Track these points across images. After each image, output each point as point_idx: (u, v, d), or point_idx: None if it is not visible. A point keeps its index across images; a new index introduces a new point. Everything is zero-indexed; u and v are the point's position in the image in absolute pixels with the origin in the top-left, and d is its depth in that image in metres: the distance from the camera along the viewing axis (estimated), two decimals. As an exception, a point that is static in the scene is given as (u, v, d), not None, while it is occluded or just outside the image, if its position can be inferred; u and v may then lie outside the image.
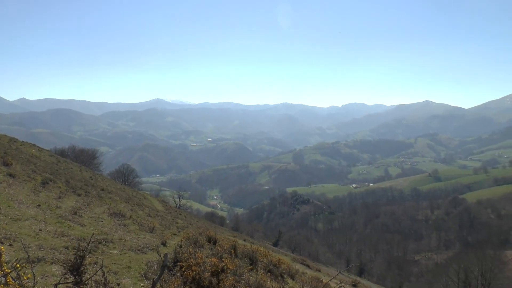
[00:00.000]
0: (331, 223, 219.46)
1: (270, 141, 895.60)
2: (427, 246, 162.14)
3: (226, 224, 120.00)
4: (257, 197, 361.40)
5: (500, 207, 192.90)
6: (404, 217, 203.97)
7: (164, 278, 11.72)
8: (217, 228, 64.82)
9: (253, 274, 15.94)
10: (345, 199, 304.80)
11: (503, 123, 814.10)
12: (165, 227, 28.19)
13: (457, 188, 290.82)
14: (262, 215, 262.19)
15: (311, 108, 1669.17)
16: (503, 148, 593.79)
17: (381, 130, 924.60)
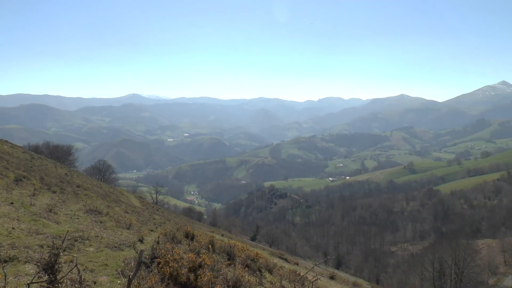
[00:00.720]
0: (308, 217, 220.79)
1: (247, 135, 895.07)
2: (403, 238, 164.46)
3: (204, 220, 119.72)
4: (235, 192, 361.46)
5: (472, 197, 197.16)
6: (380, 209, 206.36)
7: (141, 275, 11.60)
8: (195, 224, 64.66)
9: (231, 269, 15.90)
10: (322, 192, 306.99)
11: (475, 115, 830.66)
12: (142, 224, 27.97)
13: (432, 179, 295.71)
14: (240, 209, 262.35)
15: (288, 102, 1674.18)
16: (475, 140, 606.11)
17: (357, 123, 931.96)
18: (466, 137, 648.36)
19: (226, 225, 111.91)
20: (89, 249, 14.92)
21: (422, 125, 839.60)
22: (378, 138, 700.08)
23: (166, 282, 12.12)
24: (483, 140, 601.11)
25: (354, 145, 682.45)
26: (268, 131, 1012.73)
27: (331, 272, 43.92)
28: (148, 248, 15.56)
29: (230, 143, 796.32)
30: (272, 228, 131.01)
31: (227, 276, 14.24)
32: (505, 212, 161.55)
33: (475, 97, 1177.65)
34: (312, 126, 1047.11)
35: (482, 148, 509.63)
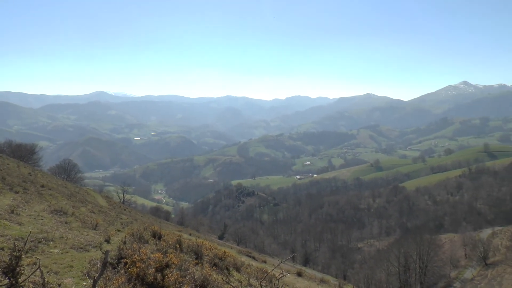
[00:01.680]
0: (276, 215, 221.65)
1: (214, 134, 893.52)
2: (369, 234, 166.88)
3: (171, 219, 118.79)
4: (202, 191, 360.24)
5: (436, 193, 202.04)
6: (347, 206, 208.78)
7: (107, 276, 11.45)
8: (162, 223, 64.16)
9: (199, 269, 15.86)
10: (289, 190, 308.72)
11: (439, 114, 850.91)
12: (109, 224, 27.60)
13: (398, 177, 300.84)
14: (208, 208, 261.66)
15: (255, 101, 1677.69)
16: (438, 138, 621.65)
17: (324, 122, 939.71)
18: (430, 135, 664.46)
19: (194, 224, 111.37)
20: (54, 250, 14.63)
21: (388, 123, 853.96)
22: (345, 136, 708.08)
23: (133, 283, 12.01)
24: (446, 138, 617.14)
25: (321, 143, 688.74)
26: (235, 129, 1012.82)
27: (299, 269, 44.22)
28: (114, 249, 15.37)
29: (198, 142, 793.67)
30: (240, 226, 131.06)
31: (195, 276, 14.19)
32: (466, 208, 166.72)
33: (438, 97, 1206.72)
34: (279, 125, 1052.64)
35: (445, 145, 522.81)
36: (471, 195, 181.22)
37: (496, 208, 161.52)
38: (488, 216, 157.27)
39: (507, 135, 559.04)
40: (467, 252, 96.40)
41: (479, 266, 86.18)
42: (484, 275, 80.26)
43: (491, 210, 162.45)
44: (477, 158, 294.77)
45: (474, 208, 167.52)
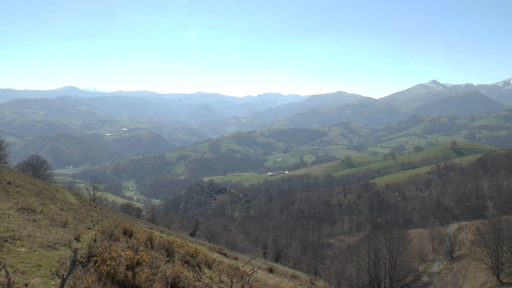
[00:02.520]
0: (247, 211, 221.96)
1: (186, 130, 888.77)
2: (340, 230, 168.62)
3: (143, 216, 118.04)
4: (174, 187, 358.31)
5: (405, 190, 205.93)
6: (318, 202, 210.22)
7: (77, 275, 11.31)
8: (134, 220, 63.61)
9: (170, 266, 15.80)
10: (261, 187, 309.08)
11: (409, 112, 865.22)
12: (79, 221, 27.20)
13: (368, 173, 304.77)
14: (179, 205, 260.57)
15: (227, 97, 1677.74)
16: (408, 136, 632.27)
17: (296, 119, 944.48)
18: (400, 133, 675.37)
19: (165, 221, 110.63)
20: (21, 249, 14.34)
21: (359, 121, 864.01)
22: (317, 134, 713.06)
23: (103, 281, 11.89)
24: (415, 135, 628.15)
25: (293, 140, 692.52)
26: (207, 126, 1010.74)
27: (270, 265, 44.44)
28: (84, 247, 15.18)
29: (170, 138, 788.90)
30: (212, 223, 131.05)
31: (166, 273, 14.14)
32: (434, 203, 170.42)
33: (408, 95, 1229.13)
34: (251, 121, 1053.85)
35: (414, 143, 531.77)
36: (439, 191, 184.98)
37: (462, 204, 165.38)
38: (454, 212, 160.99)
39: (473, 133, 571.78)
40: (435, 247, 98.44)
41: (446, 260, 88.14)
42: (450, 268, 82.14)
43: (457, 206, 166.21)
44: (445, 155, 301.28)
45: (441, 204, 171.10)
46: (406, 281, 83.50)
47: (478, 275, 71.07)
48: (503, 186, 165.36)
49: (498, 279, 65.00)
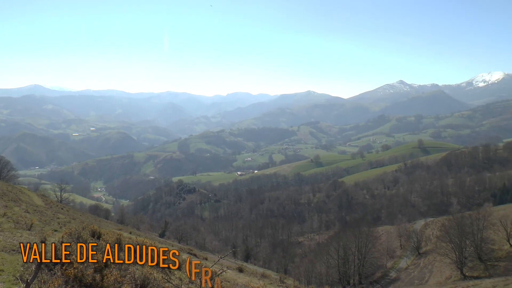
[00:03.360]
0: (217, 211, 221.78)
1: (155, 130, 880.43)
2: (309, 228, 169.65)
3: (111, 217, 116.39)
4: (143, 188, 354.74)
5: (373, 188, 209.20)
6: (288, 201, 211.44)
7: (43, 279, 11.10)
8: (102, 222, 62.77)
9: (139, 267, 15.66)
10: (230, 186, 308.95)
11: (377, 112, 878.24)
12: (45, 223, 26.73)
13: (337, 172, 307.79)
14: (148, 206, 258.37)
15: (196, 96, 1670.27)
16: (376, 135, 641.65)
17: (265, 118, 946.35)
18: (368, 132, 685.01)
19: (134, 222, 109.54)
20: (-17, 254, 14.00)
21: (328, 120, 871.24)
22: (286, 133, 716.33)
23: (70, 285, 11.71)
24: (383, 134, 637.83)
25: (262, 139, 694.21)
26: (176, 125, 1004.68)
27: (240, 265, 44.47)
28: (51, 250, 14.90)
29: (138, 138, 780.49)
30: (181, 223, 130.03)
31: (135, 275, 14.02)
32: (401, 200, 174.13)
33: (376, 95, 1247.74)
34: (220, 121, 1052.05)
35: (382, 142, 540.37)
36: (406, 188, 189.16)
37: (428, 201, 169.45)
38: (421, 208, 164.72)
39: (438, 131, 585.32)
40: (402, 243, 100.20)
41: (413, 256, 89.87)
42: (417, 264, 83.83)
43: (424, 203, 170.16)
44: (412, 154, 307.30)
45: (409, 201, 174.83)
46: (374, 277, 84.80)
47: (443, 270, 72.93)
48: (466, 183, 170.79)
49: (462, 273, 66.99)
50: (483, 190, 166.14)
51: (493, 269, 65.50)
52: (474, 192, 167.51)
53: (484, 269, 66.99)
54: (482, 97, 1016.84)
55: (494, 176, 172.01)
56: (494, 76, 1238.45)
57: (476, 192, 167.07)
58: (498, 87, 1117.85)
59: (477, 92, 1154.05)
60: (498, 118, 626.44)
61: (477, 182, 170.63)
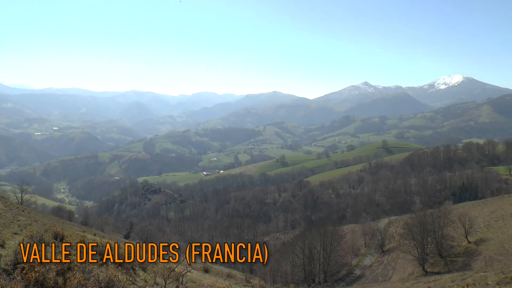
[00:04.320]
0: (182, 211, 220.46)
1: (120, 129, 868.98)
2: (275, 227, 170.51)
3: (75, 219, 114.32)
4: (107, 189, 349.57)
5: (339, 187, 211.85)
6: (253, 201, 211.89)
7: (1, 284, 10.91)
8: (65, 224, 61.66)
9: (103, 270, 15.52)
10: (196, 186, 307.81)
11: (342, 112, 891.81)
12: (4, 226, 26.12)
13: (303, 172, 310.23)
14: (113, 207, 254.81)
15: (162, 96, 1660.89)
16: (341, 135, 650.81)
17: (231, 118, 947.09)
18: (333, 132, 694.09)
19: (99, 223, 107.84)
20: None
21: (293, 120, 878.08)
22: (252, 133, 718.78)
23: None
24: (348, 134, 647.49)
25: (228, 139, 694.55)
26: (142, 125, 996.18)
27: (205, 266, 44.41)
28: (10, 253, 14.60)
29: (103, 138, 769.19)
30: (146, 224, 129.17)
31: (99, 277, 13.90)
32: (366, 199, 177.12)
33: (341, 96, 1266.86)
34: (186, 121, 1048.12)
35: (347, 142, 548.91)
36: (371, 188, 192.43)
37: (392, 199, 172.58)
38: (385, 207, 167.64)
39: (402, 132, 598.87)
40: (367, 241, 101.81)
41: (377, 253, 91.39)
42: (381, 261, 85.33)
43: (388, 201, 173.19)
44: (376, 154, 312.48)
45: (373, 200, 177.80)
46: (339, 275, 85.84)
47: (406, 266, 74.67)
48: (428, 182, 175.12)
49: (423, 269, 68.75)
50: (444, 189, 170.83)
51: (452, 264, 67.40)
52: (435, 191, 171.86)
53: (444, 264, 68.92)
54: (443, 99, 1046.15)
55: (454, 176, 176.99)
56: (454, 79, 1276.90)
57: (438, 191, 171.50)
58: (458, 90, 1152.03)
59: (439, 94, 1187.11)
60: (458, 120, 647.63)
61: (438, 181, 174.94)
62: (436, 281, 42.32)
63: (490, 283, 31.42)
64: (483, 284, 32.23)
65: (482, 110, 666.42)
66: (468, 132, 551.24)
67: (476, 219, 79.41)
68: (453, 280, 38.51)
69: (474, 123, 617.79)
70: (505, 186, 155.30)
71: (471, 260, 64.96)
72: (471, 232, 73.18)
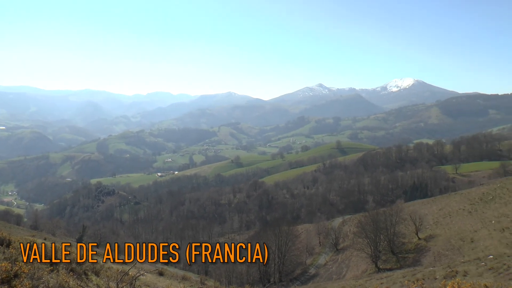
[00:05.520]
0: (137, 214, 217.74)
1: (73, 129, 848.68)
2: (230, 228, 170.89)
3: (24, 223, 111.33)
4: (59, 191, 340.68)
5: (293, 187, 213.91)
6: (208, 202, 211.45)
7: None
8: (13, 228, 59.91)
9: (54, 276, 15.10)
10: (150, 188, 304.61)
11: (296, 113, 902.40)
12: None
13: (257, 172, 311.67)
14: (65, 210, 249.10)
15: (116, 95, 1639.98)
16: (296, 136, 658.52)
17: (186, 119, 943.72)
18: (288, 133, 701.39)
19: (50, 227, 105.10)
20: None
21: (248, 121, 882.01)
22: (207, 134, 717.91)
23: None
24: (303, 135, 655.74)
25: (183, 140, 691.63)
26: (95, 125, 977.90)
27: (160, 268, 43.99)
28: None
29: (55, 138, 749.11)
30: (100, 227, 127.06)
31: (49, 284, 13.52)
32: (320, 199, 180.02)
33: (296, 97, 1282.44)
34: (140, 121, 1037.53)
35: (302, 142, 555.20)
36: (325, 187, 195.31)
37: (346, 199, 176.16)
38: (339, 206, 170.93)
39: (355, 133, 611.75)
40: (321, 240, 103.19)
41: (331, 252, 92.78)
42: (335, 259, 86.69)
43: (342, 201, 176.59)
44: (330, 154, 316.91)
45: (327, 200, 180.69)
46: (294, 275, 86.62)
47: (359, 264, 76.21)
48: (381, 182, 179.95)
49: (376, 266, 70.35)
50: (396, 188, 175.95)
51: (403, 260, 69.31)
52: (388, 190, 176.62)
53: (396, 261, 70.74)
54: (395, 101, 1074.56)
55: (405, 175, 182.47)
56: (406, 81, 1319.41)
57: (390, 190, 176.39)
58: (409, 92, 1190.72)
59: (391, 96, 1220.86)
60: (409, 121, 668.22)
61: (390, 180, 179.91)
62: (388, 277, 43.44)
63: (438, 277, 32.69)
64: (431, 278, 33.48)
65: (431, 112, 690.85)
66: (419, 133, 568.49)
67: (426, 217, 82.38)
68: (404, 276, 39.69)
69: (424, 124, 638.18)
70: (452, 185, 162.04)
71: (421, 256, 66.97)
72: (421, 229, 75.61)
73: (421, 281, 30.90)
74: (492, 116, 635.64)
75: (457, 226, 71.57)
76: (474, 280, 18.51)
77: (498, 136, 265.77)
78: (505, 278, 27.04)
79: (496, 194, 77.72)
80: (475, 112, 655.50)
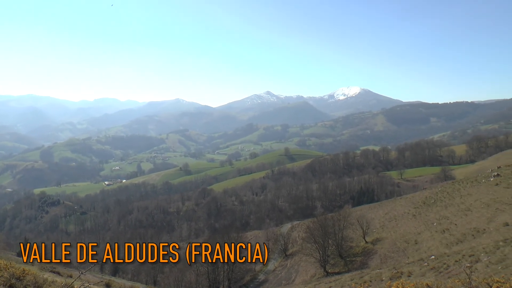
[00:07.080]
0: (83, 224, 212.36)
1: (14, 137, 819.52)
2: (179, 237, 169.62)
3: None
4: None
5: (242, 194, 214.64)
6: (157, 211, 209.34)
7: None
8: None
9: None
10: (97, 197, 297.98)
11: (244, 120, 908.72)
12: None
13: (206, 179, 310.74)
14: (5, 222, 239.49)
15: (61, 101, 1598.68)
16: (244, 143, 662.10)
17: (134, 126, 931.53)
18: (237, 140, 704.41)
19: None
20: None
21: (197, 128, 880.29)
22: (155, 141, 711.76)
23: None
24: (251, 142, 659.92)
25: (130, 147, 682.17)
26: (38, 132, 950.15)
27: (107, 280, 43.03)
28: None
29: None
30: (43, 239, 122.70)
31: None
32: (269, 206, 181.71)
33: (244, 104, 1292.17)
34: (87, 128, 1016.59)
35: (250, 149, 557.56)
36: (274, 194, 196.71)
37: (294, 205, 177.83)
38: (288, 212, 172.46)
39: (303, 140, 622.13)
40: (270, 246, 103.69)
41: (281, 258, 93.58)
42: (284, 265, 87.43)
43: (290, 207, 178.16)
44: (279, 161, 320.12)
45: (276, 206, 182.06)
46: (244, 282, 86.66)
47: (308, 268, 77.22)
48: (329, 188, 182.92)
49: (325, 270, 71.55)
50: (344, 193, 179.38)
51: (351, 264, 70.89)
52: (336, 196, 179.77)
53: (344, 265, 72.21)
54: (342, 109, 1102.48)
55: (352, 181, 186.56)
56: (352, 90, 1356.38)
57: (338, 196, 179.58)
58: (356, 100, 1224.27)
59: (338, 104, 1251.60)
60: (356, 128, 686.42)
61: (338, 186, 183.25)
62: (336, 280, 44.24)
63: (384, 279, 33.58)
64: (378, 280, 34.36)
65: (377, 120, 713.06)
66: (365, 140, 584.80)
67: (373, 221, 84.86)
68: (352, 279, 40.51)
69: (370, 132, 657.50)
70: (397, 189, 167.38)
71: (368, 258, 68.70)
72: (368, 233, 77.73)
73: (368, 283, 31.67)
74: (433, 123, 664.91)
75: (402, 229, 73.90)
76: (417, 280, 19.09)
77: (439, 143, 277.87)
78: (445, 277, 28.11)
79: (438, 198, 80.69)
80: (418, 120, 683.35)
